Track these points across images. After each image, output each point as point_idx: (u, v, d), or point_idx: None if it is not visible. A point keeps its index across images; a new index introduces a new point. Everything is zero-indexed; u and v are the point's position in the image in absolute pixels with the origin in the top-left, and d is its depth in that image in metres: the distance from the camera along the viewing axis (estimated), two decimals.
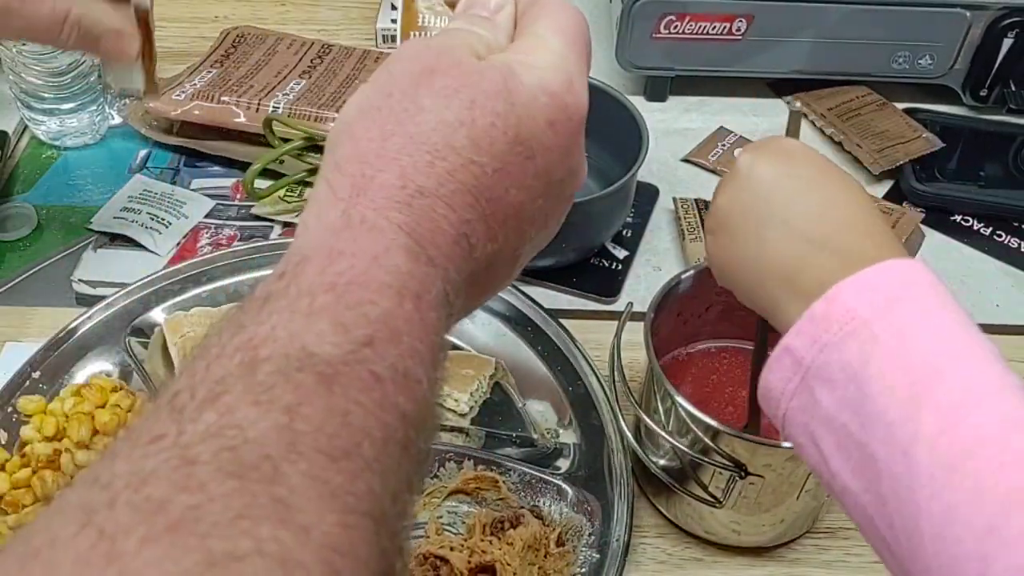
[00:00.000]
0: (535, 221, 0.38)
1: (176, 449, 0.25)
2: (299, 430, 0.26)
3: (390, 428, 0.28)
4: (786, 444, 0.51)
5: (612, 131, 0.77)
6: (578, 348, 0.68)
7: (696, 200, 0.82)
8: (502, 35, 0.39)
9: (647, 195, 0.83)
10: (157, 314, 0.70)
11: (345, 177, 0.34)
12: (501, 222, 0.36)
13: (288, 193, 0.81)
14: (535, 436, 0.65)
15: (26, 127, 0.87)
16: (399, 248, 0.32)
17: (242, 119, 0.83)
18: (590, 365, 0.67)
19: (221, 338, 0.29)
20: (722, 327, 0.65)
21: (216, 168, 0.85)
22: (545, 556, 0.58)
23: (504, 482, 0.61)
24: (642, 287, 0.77)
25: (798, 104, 0.50)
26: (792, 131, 0.51)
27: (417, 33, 0.44)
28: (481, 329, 0.71)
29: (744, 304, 0.48)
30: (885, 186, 0.87)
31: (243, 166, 0.82)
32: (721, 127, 0.91)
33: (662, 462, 0.60)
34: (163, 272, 0.72)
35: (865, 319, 0.40)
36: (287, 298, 0.30)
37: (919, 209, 0.83)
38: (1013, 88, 0.89)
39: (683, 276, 0.61)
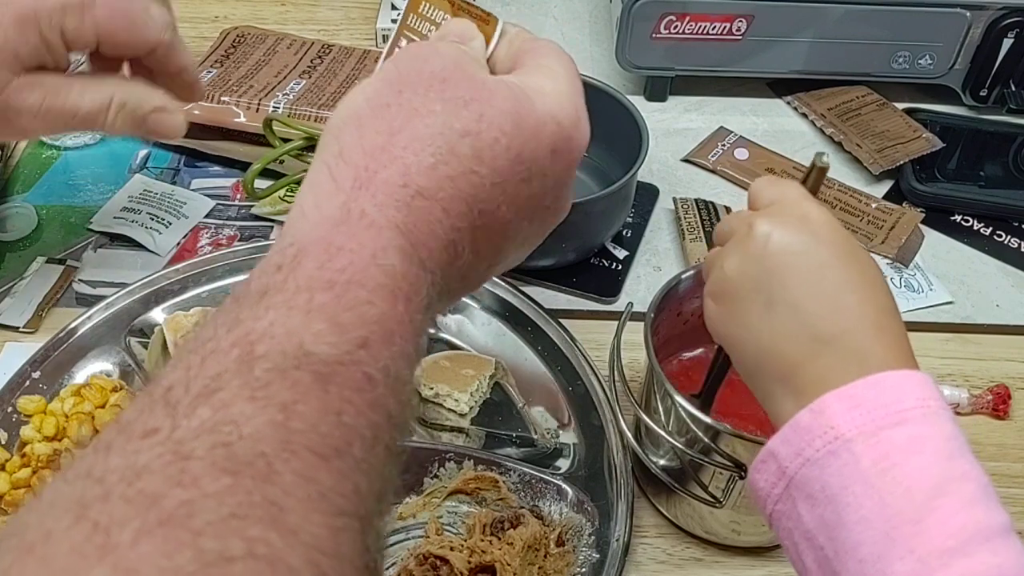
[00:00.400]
0: (515, 241, 0.39)
1: (170, 444, 0.25)
2: (294, 428, 0.26)
3: (379, 428, 0.29)
4: None
5: (612, 131, 0.77)
6: (578, 348, 0.68)
7: (696, 200, 0.82)
8: (481, 61, 0.40)
9: (647, 195, 0.83)
10: (157, 314, 0.70)
11: (348, 167, 0.34)
12: (487, 236, 0.36)
13: (288, 193, 0.81)
14: (535, 436, 0.65)
15: None
16: (395, 249, 0.32)
17: (242, 119, 0.83)
18: (590, 365, 0.67)
19: (216, 331, 0.29)
20: None
21: (216, 168, 0.85)
22: (545, 556, 0.58)
23: (504, 482, 0.61)
24: (642, 287, 0.77)
25: (826, 158, 0.47)
26: (812, 186, 0.47)
27: (407, 33, 0.46)
28: (481, 329, 0.71)
29: (737, 369, 0.47)
30: (885, 186, 0.87)
31: (243, 166, 0.82)
32: (721, 127, 0.91)
33: (662, 462, 0.60)
34: (163, 272, 0.72)
35: (848, 439, 0.39)
36: (284, 293, 0.30)
37: (919, 209, 0.83)
38: (1013, 88, 0.89)
39: (683, 276, 0.61)
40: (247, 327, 0.29)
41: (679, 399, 0.54)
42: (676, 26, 0.87)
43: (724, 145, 0.89)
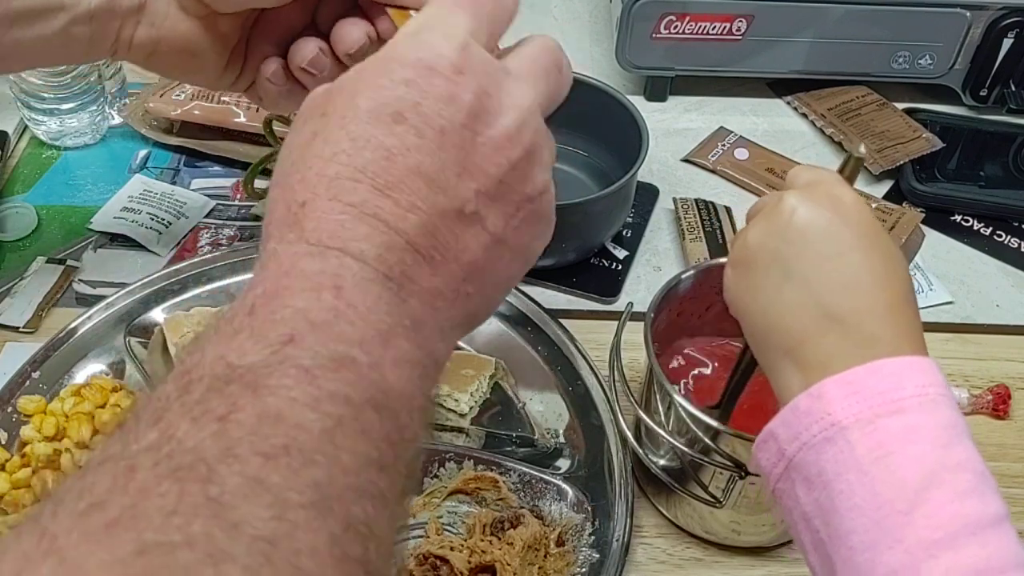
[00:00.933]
0: (500, 220, 0.35)
1: (120, 464, 0.27)
2: (233, 436, 0.27)
3: (331, 416, 0.29)
4: None
5: (612, 131, 0.77)
6: (578, 348, 0.68)
7: (696, 200, 0.82)
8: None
9: (647, 195, 0.83)
10: (157, 314, 0.70)
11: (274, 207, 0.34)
12: (411, 191, 0.33)
13: None
14: (535, 436, 0.65)
15: (26, 127, 0.87)
16: (302, 255, 0.32)
17: (242, 119, 0.83)
18: (590, 365, 0.67)
19: (166, 384, 0.30)
20: (723, 326, 0.65)
21: (216, 168, 0.85)
22: (545, 556, 0.58)
23: (504, 482, 0.61)
24: (642, 287, 0.77)
25: (863, 149, 0.47)
26: (848, 175, 0.47)
27: None
28: (481, 329, 0.70)
29: (748, 341, 0.47)
30: (885, 186, 0.87)
31: (243, 166, 0.82)
32: (721, 127, 0.91)
33: (662, 462, 0.60)
34: (163, 272, 0.72)
35: (844, 426, 0.39)
36: (214, 330, 0.31)
37: (919, 209, 0.83)
38: (1013, 88, 0.89)
39: (683, 276, 0.61)
40: (186, 366, 0.30)
41: (679, 399, 0.54)
42: (676, 26, 0.87)
43: (724, 145, 0.89)
